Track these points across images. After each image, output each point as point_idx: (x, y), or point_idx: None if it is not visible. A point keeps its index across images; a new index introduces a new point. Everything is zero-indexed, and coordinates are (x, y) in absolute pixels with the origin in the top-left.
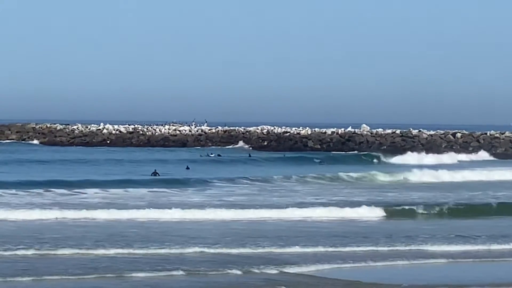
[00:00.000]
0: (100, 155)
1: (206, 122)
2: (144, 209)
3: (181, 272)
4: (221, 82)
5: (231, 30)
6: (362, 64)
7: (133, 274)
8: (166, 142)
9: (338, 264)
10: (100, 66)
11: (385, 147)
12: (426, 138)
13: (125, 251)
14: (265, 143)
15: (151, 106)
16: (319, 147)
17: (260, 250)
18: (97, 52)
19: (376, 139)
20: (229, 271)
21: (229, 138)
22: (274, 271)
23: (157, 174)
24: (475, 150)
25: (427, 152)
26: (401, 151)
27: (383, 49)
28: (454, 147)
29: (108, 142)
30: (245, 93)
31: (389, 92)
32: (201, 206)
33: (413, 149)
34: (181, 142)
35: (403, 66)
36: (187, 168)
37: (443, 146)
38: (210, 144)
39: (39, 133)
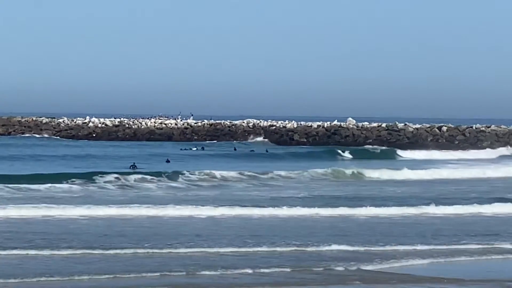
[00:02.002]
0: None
1: (192, 115)
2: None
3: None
4: (207, 76)
5: (216, 24)
6: (349, 59)
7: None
8: (152, 135)
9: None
10: (86, 60)
11: (370, 140)
12: (412, 132)
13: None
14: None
15: (137, 100)
16: (305, 140)
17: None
18: (83, 46)
19: (362, 133)
20: (314, 268)
21: (215, 132)
22: (353, 268)
23: (135, 167)
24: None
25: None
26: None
27: (369, 46)
28: (439, 141)
29: (94, 135)
30: (231, 87)
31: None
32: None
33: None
34: (167, 135)
35: (390, 62)
36: (167, 161)
37: (428, 139)
38: (196, 138)
39: (24, 126)
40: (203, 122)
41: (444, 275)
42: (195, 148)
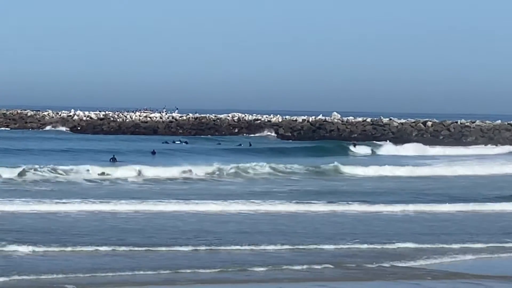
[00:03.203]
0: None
1: (177, 109)
2: None
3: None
4: (192, 69)
5: (199, 16)
6: (334, 53)
7: None
8: (136, 129)
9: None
10: (71, 53)
11: (355, 135)
12: (397, 127)
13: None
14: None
15: (122, 93)
16: (290, 134)
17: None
18: (69, 39)
19: (346, 127)
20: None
21: (199, 125)
22: (386, 265)
23: (115, 160)
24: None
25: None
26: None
27: (352, 40)
28: (424, 136)
29: (79, 128)
30: (215, 81)
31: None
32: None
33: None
34: (152, 129)
35: (375, 56)
36: (153, 153)
37: (413, 134)
38: (180, 131)
39: (9, 119)
40: (188, 116)
41: (490, 272)
42: (179, 142)
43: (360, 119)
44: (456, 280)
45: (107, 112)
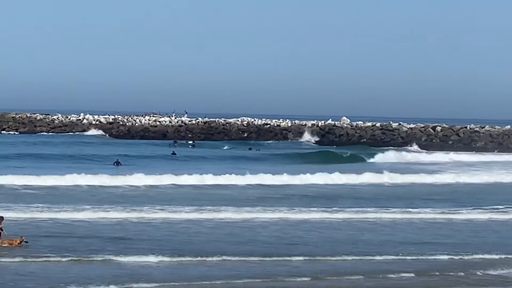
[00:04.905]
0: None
1: (186, 113)
2: None
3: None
4: (202, 73)
5: (210, 23)
6: (343, 58)
7: None
8: (146, 133)
9: None
10: (81, 58)
11: (364, 139)
12: (406, 131)
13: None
14: (246, 135)
15: (131, 97)
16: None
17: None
18: (78, 45)
19: (356, 132)
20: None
21: (209, 130)
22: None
23: (119, 164)
24: None
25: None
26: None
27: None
28: (433, 141)
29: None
30: (225, 86)
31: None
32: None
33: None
34: (161, 133)
35: (385, 61)
36: (173, 153)
37: (423, 139)
38: (190, 135)
39: (19, 123)
40: (197, 120)
41: None
42: (191, 142)
43: (369, 123)
44: None
45: (116, 116)
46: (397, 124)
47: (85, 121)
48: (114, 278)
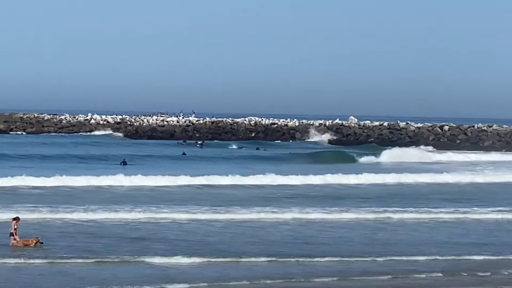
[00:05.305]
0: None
1: (193, 113)
2: None
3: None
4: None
5: (217, 23)
6: (351, 57)
7: None
8: (153, 133)
9: None
10: (89, 58)
11: (372, 139)
12: (414, 131)
13: None
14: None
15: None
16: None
17: None
18: (86, 44)
19: (363, 131)
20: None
21: (216, 129)
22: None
23: (125, 164)
24: None
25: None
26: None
27: (371, 46)
28: (441, 140)
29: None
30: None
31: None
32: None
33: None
34: (168, 133)
35: (392, 61)
36: (184, 154)
37: (430, 138)
38: (197, 135)
39: (26, 123)
40: (205, 120)
41: None
42: (200, 142)
43: (377, 123)
44: None
45: (124, 116)
46: (404, 123)
47: (92, 121)
48: (148, 278)
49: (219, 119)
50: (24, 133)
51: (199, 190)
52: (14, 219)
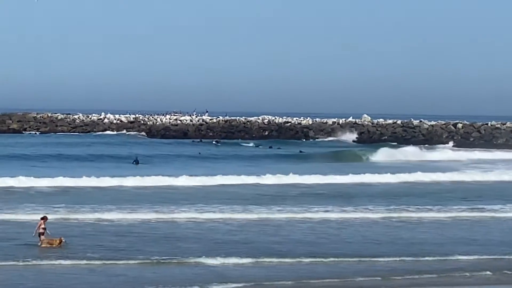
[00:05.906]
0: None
1: (207, 112)
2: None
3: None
4: (221, 72)
5: (229, 23)
6: (364, 56)
7: None
8: (167, 131)
9: None
10: (102, 57)
11: (385, 137)
12: (427, 129)
13: None
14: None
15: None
16: (319, 137)
17: None
18: (99, 44)
19: (377, 129)
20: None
21: (230, 128)
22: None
23: (137, 163)
24: None
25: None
26: None
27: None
28: (455, 138)
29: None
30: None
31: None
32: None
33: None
34: (182, 131)
35: (405, 59)
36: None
37: (444, 136)
38: (211, 134)
39: (40, 123)
40: (218, 119)
41: None
42: (214, 142)
43: (390, 121)
44: None
45: (137, 115)
46: (418, 121)
47: (106, 120)
48: (202, 278)
49: (232, 117)
50: (37, 132)
51: (223, 189)
52: (42, 218)
